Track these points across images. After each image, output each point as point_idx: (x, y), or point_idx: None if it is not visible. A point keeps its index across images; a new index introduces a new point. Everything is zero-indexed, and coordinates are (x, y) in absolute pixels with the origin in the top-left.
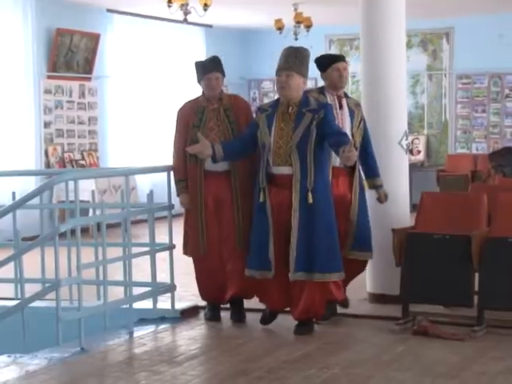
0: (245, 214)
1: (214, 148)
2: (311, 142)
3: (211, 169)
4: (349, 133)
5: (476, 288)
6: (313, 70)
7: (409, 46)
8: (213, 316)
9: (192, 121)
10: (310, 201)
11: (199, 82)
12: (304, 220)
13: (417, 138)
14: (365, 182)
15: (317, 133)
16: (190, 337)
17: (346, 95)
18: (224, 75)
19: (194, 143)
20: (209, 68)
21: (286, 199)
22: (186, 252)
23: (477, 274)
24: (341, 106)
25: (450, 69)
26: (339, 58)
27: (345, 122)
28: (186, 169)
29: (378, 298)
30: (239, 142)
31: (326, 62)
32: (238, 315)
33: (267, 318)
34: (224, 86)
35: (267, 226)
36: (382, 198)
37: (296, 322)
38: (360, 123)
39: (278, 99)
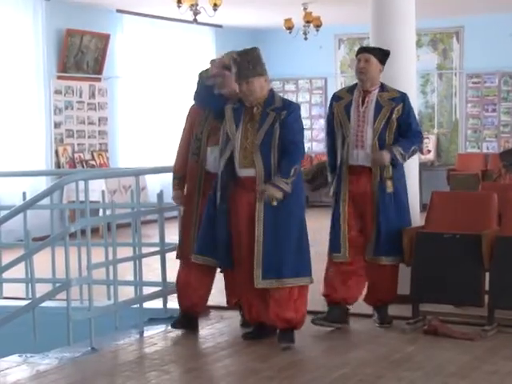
0: None
1: None
2: (274, 142)
3: (213, 170)
4: (370, 130)
5: (486, 287)
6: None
7: (419, 45)
8: (182, 323)
9: (199, 118)
10: (275, 203)
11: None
12: (270, 225)
13: (427, 138)
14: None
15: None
16: (200, 336)
17: (382, 89)
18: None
19: (197, 140)
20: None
21: (250, 203)
22: (177, 255)
23: (487, 274)
24: (364, 103)
25: (460, 68)
26: (360, 50)
27: (366, 120)
28: (184, 166)
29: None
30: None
31: (357, 53)
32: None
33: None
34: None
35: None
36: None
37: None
38: (389, 119)
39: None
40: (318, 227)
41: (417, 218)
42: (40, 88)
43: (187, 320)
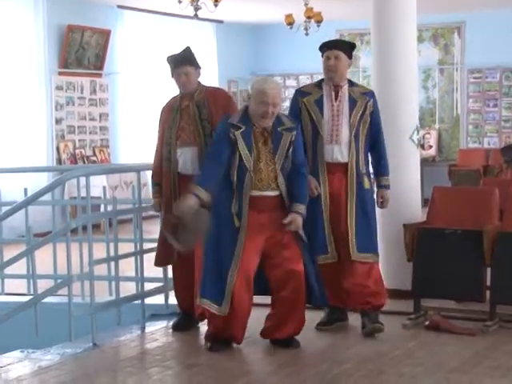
0: None
1: (197, 195)
2: (289, 165)
3: (184, 172)
4: (346, 125)
5: (488, 283)
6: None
7: (420, 40)
8: (182, 324)
9: (167, 120)
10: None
11: (172, 77)
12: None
13: (428, 133)
14: (365, 180)
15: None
16: (202, 332)
17: (351, 84)
18: (198, 67)
19: (167, 145)
20: (177, 63)
21: (269, 222)
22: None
23: (489, 269)
24: (337, 98)
25: (461, 63)
26: (327, 46)
27: (341, 114)
28: (161, 172)
29: (389, 293)
30: (218, 169)
31: (321, 49)
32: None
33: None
34: (234, 81)
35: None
36: (378, 201)
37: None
38: (364, 113)
39: (246, 111)
40: None
41: (418, 213)
42: (41, 84)
43: (187, 320)
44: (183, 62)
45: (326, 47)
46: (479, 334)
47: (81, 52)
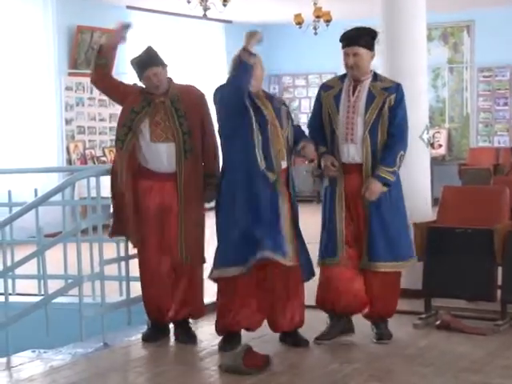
0: (188, 224)
1: None
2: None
3: (154, 169)
4: (361, 122)
5: (499, 282)
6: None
7: (429, 39)
8: (153, 335)
9: (132, 104)
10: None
11: (140, 80)
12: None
13: (438, 132)
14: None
15: None
16: (212, 332)
17: (375, 77)
18: (164, 65)
19: (125, 128)
20: (144, 65)
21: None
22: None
23: (500, 268)
24: (354, 92)
25: (471, 62)
26: (345, 41)
27: (356, 111)
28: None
29: (400, 293)
30: None
31: (340, 42)
32: (187, 336)
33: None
34: None
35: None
36: (364, 190)
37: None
38: (382, 109)
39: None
40: None
41: (428, 212)
42: (51, 85)
43: (158, 330)
44: (149, 64)
45: (344, 42)
46: (490, 333)
47: (90, 53)
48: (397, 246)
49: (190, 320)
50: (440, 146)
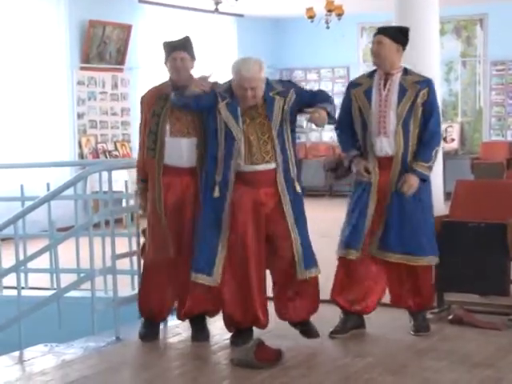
0: None
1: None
2: (287, 129)
3: (173, 163)
4: (393, 115)
5: None
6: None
7: (442, 32)
8: (150, 333)
9: (153, 108)
10: (299, 189)
11: (165, 63)
12: (296, 213)
13: (450, 126)
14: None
15: (291, 112)
16: (223, 327)
17: (406, 72)
18: (193, 58)
19: (152, 134)
20: (174, 47)
21: (265, 198)
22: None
23: None
24: (385, 86)
25: (484, 55)
26: (377, 32)
27: (388, 105)
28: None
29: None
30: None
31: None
32: (202, 333)
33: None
34: None
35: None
36: (398, 184)
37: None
38: (414, 103)
39: (230, 84)
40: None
41: (441, 206)
42: (63, 79)
43: (152, 328)
44: (180, 48)
45: (374, 35)
46: (503, 328)
47: (102, 47)
48: (413, 240)
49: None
50: (453, 140)
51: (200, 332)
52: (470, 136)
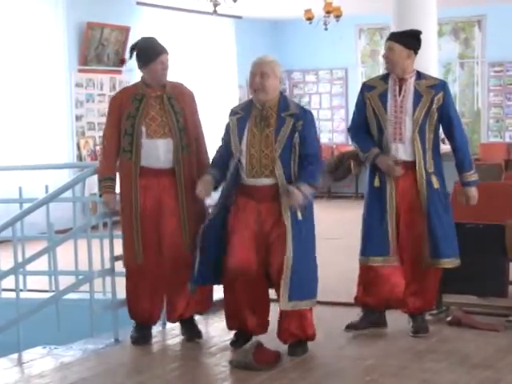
0: (191, 218)
1: (213, 178)
2: (295, 155)
3: (150, 165)
4: (409, 121)
5: (511, 278)
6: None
7: (440, 34)
8: (142, 337)
9: (127, 110)
10: (300, 217)
11: (143, 67)
12: (297, 238)
13: None
14: (434, 179)
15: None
16: (223, 327)
17: (419, 76)
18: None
19: (128, 136)
20: (160, 51)
21: (265, 214)
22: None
23: (511, 264)
24: (401, 92)
25: (482, 57)
26: (388, 37)
27: (404, 111)
28: (114, 166)
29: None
30: (222, 157)
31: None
32: (192, 332)
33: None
34: None
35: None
36: (461, 199)
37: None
38: (430, 108)
39: (251, 100)
40: (341, 218)
41: None
42: (61, 81)
43: (144, 332)
44: (163, 50)
45: (386, 40)
46: (502, 329)
47: (100, 49)
48: (451, 243)
49: (196, 316)
50: None
51: (193, 330)
52: (468, 137)
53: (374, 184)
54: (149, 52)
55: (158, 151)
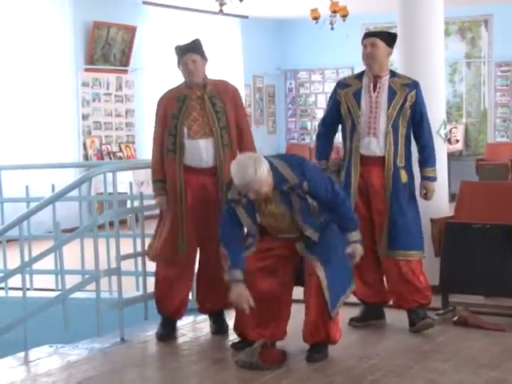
0: None
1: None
2: (313, 207)
3: (193, 164)
4: (384, 116)
5: None
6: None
7: (447, 33)
8: (167, 334)
9: (171, 111)
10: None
11: (178, 67)
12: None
13: (455, 127)
14: (403, 173)
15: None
16: (230, 327)
17: (393, 74)
18: (205, 59)
19: (171, 136)
20: (185, 50)
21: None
22: (153, 257)
23: None
24: (375, 89)
25: (488, 56)
26: (365, 35)
27: (379, 106)
28: (163, 168)
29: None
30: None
31: (362, 42)
32: (219, 326)
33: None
34: (259, 76)
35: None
36: (421, 192)
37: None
38: (403, 105)
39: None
40: None
41: (445, 208)
42: (68, 80)
43: (170, 327)
44: (190, 50)
45: (364, 37)
46: (508, 329)
47: (107, 48)
48: (412, 236)
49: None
50: (457, 141)
51: (220, 324)
52: (474, 137)
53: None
54: (178, 50)
55: (199, 151)
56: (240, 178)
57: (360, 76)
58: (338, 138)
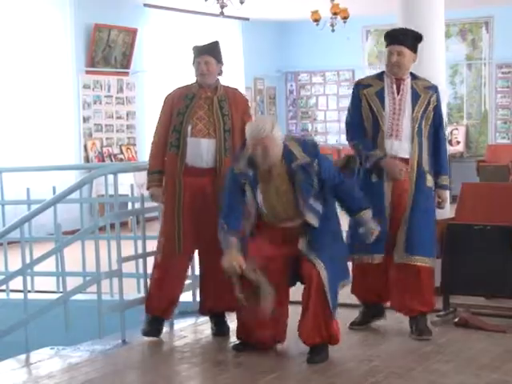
0: None
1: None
2: (319, 193)
3: (194, 164)
4: (408, 120)
5: None
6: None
7: (447, 35)
8: (154, 330)
9: (177, 107)
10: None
11: (193, 65)
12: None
13: (456, 129)
14: (428, 177)
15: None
16: (231, 329)
17: (414, 77)
18: (220, 63)
19: (176, 132)
20: (200, 51)
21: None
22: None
23: None
24: (399, 91)
25: (489, 58)
26: (393, 40)
27: (403, 108)
28: (163, 160)
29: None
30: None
31: (386, 42)
32: (220, 327)
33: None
34: (260, 78)
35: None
36: (436, 201)
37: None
38: (427, 108)
39: (251, 158)
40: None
41: (447, 209)
42: (69, 83)
43: (156, 325)
44: (205, 52)
45: (389, 40)
46: (509, 330)
47: (107, 51)
48: (430, 242)
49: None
50: (458, 142)
51: (222, 326)
52: (475, 139)
53: (371, 179)
54: (195, 50)
55: (200, 150)
56: (256, 133)
57: (380, 76)
58: (340, 140)
